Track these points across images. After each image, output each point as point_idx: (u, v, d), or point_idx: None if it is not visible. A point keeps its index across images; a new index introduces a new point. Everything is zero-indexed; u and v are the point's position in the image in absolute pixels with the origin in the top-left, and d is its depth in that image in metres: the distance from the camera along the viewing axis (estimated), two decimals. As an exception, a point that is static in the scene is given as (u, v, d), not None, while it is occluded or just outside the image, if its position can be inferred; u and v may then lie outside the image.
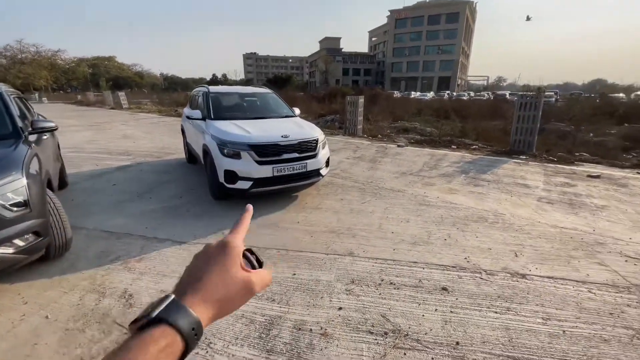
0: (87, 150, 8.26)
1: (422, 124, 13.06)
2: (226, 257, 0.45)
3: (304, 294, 2.53)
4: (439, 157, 7.54)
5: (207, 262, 0.45)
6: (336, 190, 5.04)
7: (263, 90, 6.10)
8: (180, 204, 4.46)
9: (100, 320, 2.26)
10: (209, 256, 0.45)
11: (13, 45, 55.34)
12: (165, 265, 2.96)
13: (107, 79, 66.45)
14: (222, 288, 0.43)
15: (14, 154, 2.68)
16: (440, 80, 67.49)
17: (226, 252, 0.46)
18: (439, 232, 3.63)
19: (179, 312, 0.38)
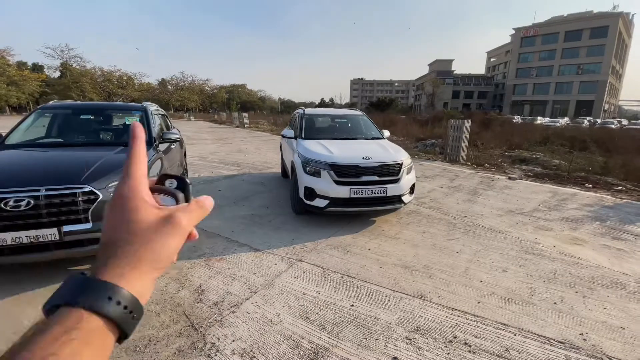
0: (209, 159, 9.86)
1: (548, 155, 10.93)
2: (127, 206, 0.37)
3: (357, 330, 2.30)
4: (564, 197, 6.09)
5: (113, 220, 0.38)
6: (420, 221, 4.58)
7: (354, 112, 6.17)
8: (265, 213, 4.80)
9: (173, 308, 2.54)
10: (112, 213, 0.38)
11: (177, 76, 72.49)
12: (237, 269, 3.17)
13: (238, 102, 79.64)
14: (138, 238, 0.36)
15: (142, 158, 3.35)
16: (579, 105, 56.01)
17: (124, 201, 0.38)
18: (548, 293, 2.83)
19: (89, 288, 0.33)
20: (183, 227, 0.39)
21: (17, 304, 2.55)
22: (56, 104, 4.48)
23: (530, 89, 62.59)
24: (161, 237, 0.37)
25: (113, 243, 0.36)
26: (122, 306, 0.33)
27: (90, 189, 2.65)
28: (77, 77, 51.91)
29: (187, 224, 0.40)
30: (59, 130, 4.20)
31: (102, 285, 0.33)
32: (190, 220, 0.40)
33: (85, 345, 0.30)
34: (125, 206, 0.38)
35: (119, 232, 0.37)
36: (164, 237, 0.38)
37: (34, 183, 2.59)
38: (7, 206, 2.45)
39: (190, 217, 0.40)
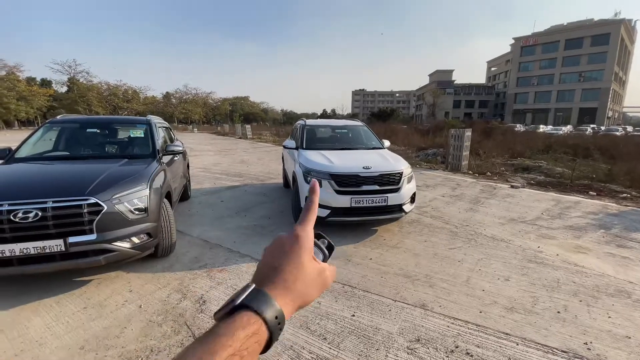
0: (212, 170, 9.96)
1: (551, 163, 10.91)
2: (299, 248, 0.44)
3: (358, 341, 2.29)
4: (568, 205, 6.06)
5: (282, 254, 0.44)
6: (421, 230, 4.58)
7: (354, 123, 6.25)
8: (267, 224, 4.82)
9: (175, 319, 2.55)
10: (283, 248, 0.45)
11: (181, 89, 73.77)
12: (238, 280, 3.18)
13: (240, 114, 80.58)
14: (299, 279, 0.43)
15: (145, 170, 3.43)
16: (582, 112, 55.99)
17: (299, 244, 0.45)
18: (551, 301, 2.81)
19: (262, 299, 0.39)
20: (328, 284, 0.47)
21: (23, 314, 2.58)
22: (64, 118, 4.60)
23: (532, 97, 62.80)
24: (313, 286, 0.45)
25: (281, 270, 0.43)
26: (278, 322, 0.39)
27: (95, 200, 2.71)
28: (83, 92, 52.99)
29: (330, 282, 0.48)
30: (66, 144, 4.31)
31: (271, 300, 0.39)
32: (332, 279, 0.48)
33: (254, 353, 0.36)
34: (299, 246, 0.45)
35: (288, 265, 0.43)
36: (315, 286, 0.45)
37: (41, 195, 2.65)
38: (15, 218, 2.51)
39: (332, 276, 0.49)
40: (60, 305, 2.72)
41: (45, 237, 2.60)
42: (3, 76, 45.90)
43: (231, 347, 0.34)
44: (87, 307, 2.69)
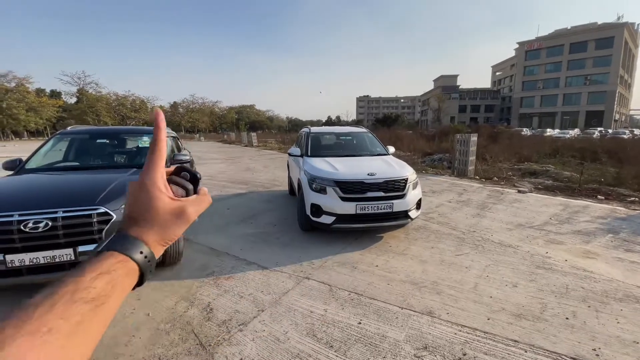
0: (218, 178, 10.05)
1: (558, 167, 10.80)
2: (147, 195, 0.46)
3: (364, 348, 2.28)
4: (576, 209, 5.98)
5: (135, 202, 0.46)
6: (428, 236, 4.55)
7: (359, 130, 6.28)
8: (272, 231, 4.84)
9: (182, 327, 2.57)
10: (134, 197, 0.47)
11: (188, 98, 74.96)
12: (245, 287, 3.19)
13: (246, 122, 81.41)
14: (155, 222, 0.46)
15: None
16: (588, 115, 55.46)
17: (144, 191, 0.46)
18: (559, 308, 2.77)
19: (124, 241, 0.43)
20: (191, 219, 0.49)
21: (33, 324, 2.62)
22: (73, 129, 4.71)
23: (538, 101, 62.45)
24: (173, 225, 0.47)
25: (137, 218, 0.46)
26: (147, 259, 0.44)
27: (105, 210, 2.76)
28: (92, 102, 54.16)
29: (194, 216, 0.49)
30: (76, 154, 4.40)
31: (137, 241, 0.44)
32: (196, 212, 0.49)
33: (123, 279, 0.40)
34: (146, 194, 0.46)
35: (142, 213, 0.46)
36: (175, 225, 0.47)
37: (51, 205, 2.71)
38: (26, 228, 2.57)
39: (196, 209, 0.50)
40: (70, 313, 2.75)
41: (55, 246, 2.65)
42: (13, 88, 47.13)
43: (97, 270, 0.38)
44: (96, 315, 2.72)
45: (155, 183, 0.47)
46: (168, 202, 0.47)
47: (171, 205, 0.47)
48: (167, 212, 0.46)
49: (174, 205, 0.47)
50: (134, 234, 0.44)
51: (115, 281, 0.39)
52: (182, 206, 0.48)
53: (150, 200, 0.46)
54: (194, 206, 0.49)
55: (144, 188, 0.46)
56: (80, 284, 0.36)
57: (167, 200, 0.47)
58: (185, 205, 0.48)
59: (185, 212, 0.48)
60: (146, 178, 0.47)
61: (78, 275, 0.37)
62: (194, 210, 0.49)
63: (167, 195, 0.47)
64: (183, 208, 0.48)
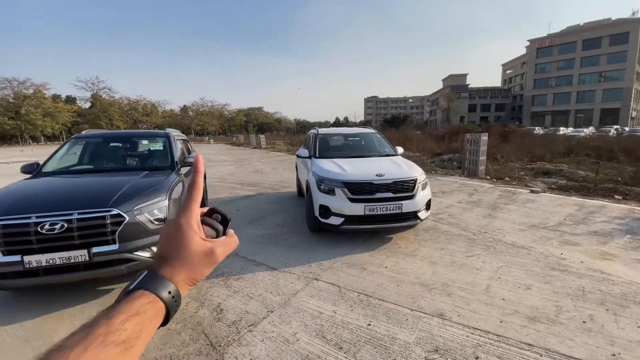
0: (228, 180, 10.14)
1: (573, 166, 10.55)
2: (181, 235, 0.48)
3: (374, 350, 2.27)
4: (592, 209, 5.82)
5: (168, 242, 0.49)
6: (438, 237, 4.50)
7: (367, 130, 6.26)
8: (281, 232, 4.86)
9: (193, 327, 2.60)
10: (168, 238, 0.49)
11: (198, 102, 75.97)
12: (254, 288, 3.21)
13: (255, 124, 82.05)
14: (186, 263, 0.48)
15: (165, 182, 3.55)
16: (603, 113, 53.96)
17: (180, 231, 0.49)
18: (576, 311, 2.69)
19: (154, 280, 0.45)
20: (219, 260, 0.51)
21: (48, 323, 2.69)
22: (88, 133, 4.83)
23: (551, 99, 61.10)
24: (202, 265, 0.49)
25: (168, 257, 0.48)
26: (174, 298, 0.45)
27: (118, 212, 2.82)
28: (106, 107, 55.43)
29: (222, 257, 0.52)
30: (90, 158, 4.51)
31: (166, 281, 0.46)
32: (224, 253, 0.52)
33: (151, 320, 0.42)
34: (181, 234, 0.49)
35: (174, 252, 0.48)
36: (204, 265, 0.50)
37: (67, 207, 2.78)
38: (43, 229, 2.64)
39: (224, 250, 0.52)
40: (83, 313, 2.82)
41: (70, 247, 2.71)
42: (30, 94, 48.60)
43: (127, 312, 0.40)
44: (110, 315, 2.78)
45: (189, 223, 0.49)
46: (200, 243, 0.49)
47: (202, 246, 0.49)
48: (198, 252, 0.49)
49: (205, 246, 0.50)
50: (164, 273, 0.46)
51: (144, 323, 0.40)
52: (212, 247, 0.50)
53: (183, 240, 0.48)
54: (222, 247, 0.52)
55: (179, 228, 0.49)
56: (111, 326, 0.37)
57: (199, 240, 0.49)
58: (215, 246, 0.51)
59: (214, 253, 0.50)
60: (182, 218, 0.49)
61: (110, 316, 0.39)
62: (222, 251, 0.52)
63: (199, 235, 0.50)
64: (213, 249, 0.50)
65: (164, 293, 0.44)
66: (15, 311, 2.88)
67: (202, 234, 0.51)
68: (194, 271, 0.49)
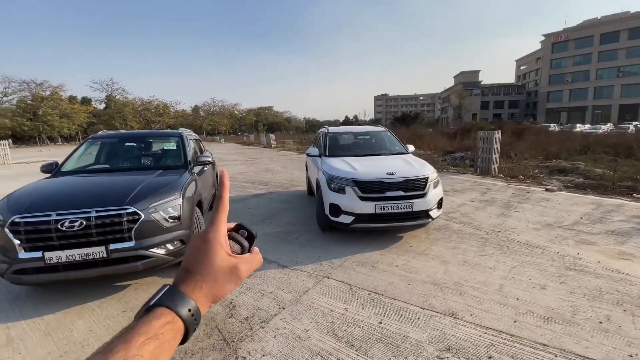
0: (239, 179, 10.25)
1: (590, 164, 10.26)
2: (208, 249, 0.48)
3: (386, 348, 2.27)
4: (609, 208, 5.66)
5: (193, 257, 0.48)
6: (450, 237, 4.45)
7: (377, 129, 6.23)
8: (292, 230, 4.89)
9: (207, 323, 2.65)
10: (194, 252, 0.49)
11: (209, 102, 76.91)
12: (266, 285, 3.25)
13: (265, 124, 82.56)
14: (210, 278, 0.47)
15: (179, 180, 3.62)
16: (622, 109, 52.21)
17: (207, 246, 0.48)
18: (592, 311, 2.63)
19: (175, 297, 0.44)
20: (242, 276, 0.50)
21: (68, 317, 2.79)
22: (104, 133, 4.96)
23: (566, 95, 59.45)
24: (226, 282, 0.49)
25: (193, 272, 0.47)
26: (193, 316, 0.44)
27: (134, 209, 2.89)
28: (120, 108, 56.70)
29: (245, 275, 0.51)
30: (106, 157, 4.64)
31: (186, 298, 0.44)
32: (248, 270, 0.52)
33: (169, 342, 0.41)
34: (208, 248, 0.48)
35: (199, 266, 0.48)
36: (227, 282, 0.49)
37: (85, 205, 2.87)
38: (63, 227, 2.73)
39: (248, 267, 0.52)
40: (101, 308, 2.91)
41: (88, 244, 2.80)
42: (48, 96, 50.08)
43: (145, 334, 0.38)
44: (127, 310, 2.86)
45: (217, 238, 0.49)
46: (226, 258, 0.49)
47: (228, 262, 0.49)
48: (223, 268, 0.48)
49: (230, 262, 0.49)
50: (185, 289, 0.45)
51: (162, 346, 0.39)
52: (236, 263, 0.50)
53: (210, 253, 0.48)
54: (246, 264, 0.51)
55: (207, 242, 0.49)
56: (129, 350, 0.37)
57: (225, 255, 0.49)
58: (239, 262, 0.50)
59: (238, 270, 0.50)
60: (210, 232, 0.49)
61: (128, 339, 0.38)
62: (246, 268, 0.51)
63: (225, 250, 0.49)
64: (237, 265, 0.50)
65: (184, 311, 0.43)
66: (37, 305, 2.99)
67: (228, 249, 0.50)
68: (217, 287, 0.48)
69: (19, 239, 2.71)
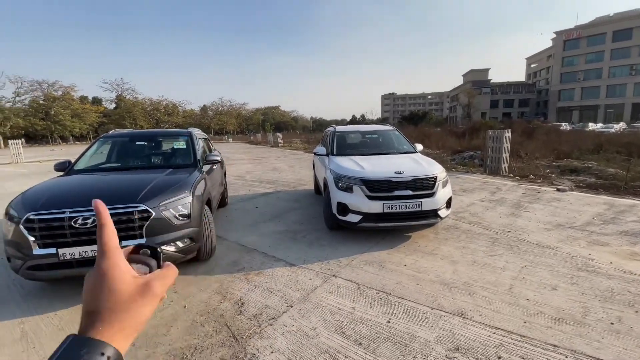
0: (246, 178, 10.32)
1: (602, 164, 10.05)
2: (108, 280, 0.43)
3: (394, 347, 2.27)
4: (622, 209, 5.55)
5: (94, 294, 0.42)
6: (459, 236, 4.42)
7: (385, 128, 6.21)
8: (299, 229, 4.91)
9: (216, 319, 2.68)
10: (94, 290, 0.43)
11: (217, 102, 77.53)
12: (274, 283, 3.27)
13: (272, 123, 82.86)
14: (119, 307, 0.42)
15: (188, 179, 3.67)
16: (635, 108, 50.94)
17: (105, 277, 0.43)
18: (603, 312, 2.59)
19: (82, 348, 0.37)
20: (158, 294, 0.45)
21: (80, 312, 2.84)
22: (115, 132, 5.05)
23: (578, 93, 58.29)
24: (139, 306, 0.43)
25: (97, 311, 0.41)
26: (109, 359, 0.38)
27: (145, 207, 2.94)
28: (129, 108, 57.52)
29: (161, 290, 0.46)
30: (117, 156, 4.72)
31: (97, 344, 0.38)
32: (163, 285, 0.46)
33: None
34: (107, 280, 0.42)
35: (103, 302, 0.41)
36: (141, 306, 0.43)
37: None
38: (76, 224, 2.79)
39: (163, 283, 0.47)
40: (114, 303, 2.96)
41: None
42: (60, 96, 51.07)
43: None
44: (138, 306, 2.91)
45: (114, 265, 0.43)
46: (131, 282, 0.44)
47: (135, 284, 0.44)
48: (131, 293, 0.43)
49: (138, 282, 0.44)
50: (93, 334, 0.39)
51: None
52: (146, 281, 0.45)
53: (111, 284, 0.42)
54: (159, 280, 0.46)
55: (104, 274, 0.43)
56: None
57: (130, 279, 0.44)
58: (150, 280, 0.45)
59: (150, 287, 0.44)
60: (104, 262, 0.43)
61: None
62: (161, 283, 0.46)
63: (130, 274, 0.44)
64: (148, 283, 0.45)
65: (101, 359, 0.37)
66: (51, 301, 3.06)
67: (132, 272, 0.45)
68: (132, 316, 0.42)
69: (34, 235, 2.78)
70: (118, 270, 0.43)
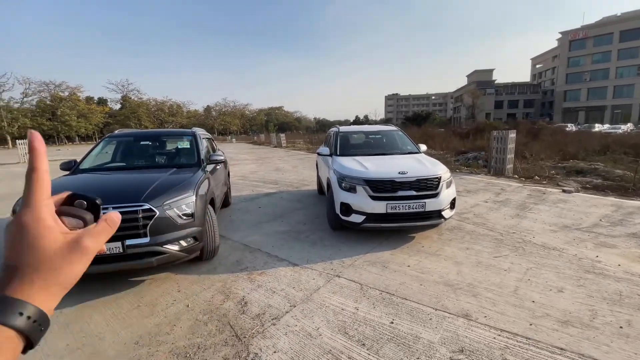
0: (250, 178, 10.34)
1: (609, 165, 9.94)
2: (30, 234, 0.38)
3: (397, 348, 2.25)
4: (630, 210, 5.47)
5: (14, 247, 0.38)
6: (463, 237, 4.38)
7: (389, 128, 6.19)
8: (302, 229, 4.90)
9: (219, 318, 2.68)
10: (13, 240, 0.38)
11: (220, 102, 77.84)
12: (277, 283, 3.27)
13: (275, 124, 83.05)
14: (43, 265, 0.38)
15: (192, 178, 3.68)
16: (643, 108, 50.41)
17: (27, 230, 0.38)
18: (612, 316, 2.55)
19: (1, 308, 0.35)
20: (90, 251, 0.41)
21: (85, 310, 2.86)
22: (120, 132, 5.08)
23: (584, 94, 57.71)
24: (68, 264, 0.39)
25: (18, 266, 0.37)
26: (32, 320, 0.36)
27: (149, 206, 2.95)
28: (134, 108, 57.94)
29: (94, 247, 0.41)
30: (122, 156, 4.75)
31: (14, 302, 0.35)
32: (97, 242, 0.42)
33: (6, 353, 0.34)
34: (28, 234, 0.38)
35: (25, 258, 0.37)
36: (70, 263, 0.39)
37: (103, 202, 2.94)
38: None
39: (97, 239, 0.42)
40: (117, 303, 2.98)
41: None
42: (66, 96, 51.57)
43: None
44: (141, 305, 2.92)
45: (39, 217, 0.38)
46: (58, 239, 0.39)
47: (62, 241, 0.39)
48: (58, 250, 0.38)
49: (67, 238, 0.40)
50: (12, 292, 0.36)
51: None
52: (75, 238, 0.40)
53: (34, 239, 0.38)
54: (92, 236, 0.41)
55: (25, 226, 0.38)
56: None
57: (57, 235, 0.39)
58: (80, 237, 0.41)
59: (80, 244, 0.40)
60: (26, 214, 0.38)
61: None
62: (93, 240, 0.41)
63: (57, 230, 0.40)
64: (77, 240, 0.40)
65: (14, 318, 0.34)
66: (56, 298, 3.08)
67: (62, 228, 0.40)
68: (59, 274, 0.38)
69: (40, 233, 2.79)
70: (42, 225, 0.38)
